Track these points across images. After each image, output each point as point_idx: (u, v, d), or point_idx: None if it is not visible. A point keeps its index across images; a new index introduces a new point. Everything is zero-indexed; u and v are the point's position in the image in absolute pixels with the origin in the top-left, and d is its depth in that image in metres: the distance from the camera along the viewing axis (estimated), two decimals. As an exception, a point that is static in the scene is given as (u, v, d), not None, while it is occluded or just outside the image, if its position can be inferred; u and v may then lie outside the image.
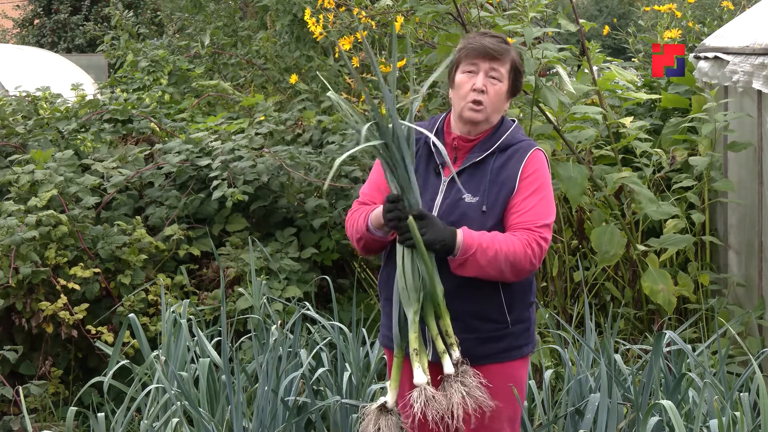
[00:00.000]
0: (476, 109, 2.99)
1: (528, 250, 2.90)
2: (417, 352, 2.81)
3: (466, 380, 2.80)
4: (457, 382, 2.78)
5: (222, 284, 4.07)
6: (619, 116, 5.41)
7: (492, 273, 2.89)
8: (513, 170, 2.99)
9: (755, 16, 5.67)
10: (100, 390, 4.65)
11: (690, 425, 3.49)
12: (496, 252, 2.86)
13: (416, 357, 2.81)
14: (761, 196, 5.00)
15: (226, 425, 3.89)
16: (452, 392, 2.77)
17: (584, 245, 5.43)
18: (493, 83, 2.99)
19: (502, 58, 2.99)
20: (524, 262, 2.91)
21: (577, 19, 4.92)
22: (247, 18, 9.64)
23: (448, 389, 2.78)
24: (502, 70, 3.00)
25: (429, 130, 3.05)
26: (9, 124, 6.23)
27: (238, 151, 5.71)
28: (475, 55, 3.00)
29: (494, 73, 2.99)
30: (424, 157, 3.07)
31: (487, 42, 3.00)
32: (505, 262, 2.88)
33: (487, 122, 3.04)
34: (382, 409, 2.84)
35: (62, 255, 5.10)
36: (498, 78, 3.00)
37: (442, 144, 2.98)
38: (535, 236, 2.92)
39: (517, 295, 3.05)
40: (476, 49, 2.99)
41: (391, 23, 4.95)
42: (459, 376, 2.80)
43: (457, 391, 2.77)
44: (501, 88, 3.01)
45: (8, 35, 22.77)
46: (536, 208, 2.96)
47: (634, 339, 5.19)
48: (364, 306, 5.43)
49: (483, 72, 2.99)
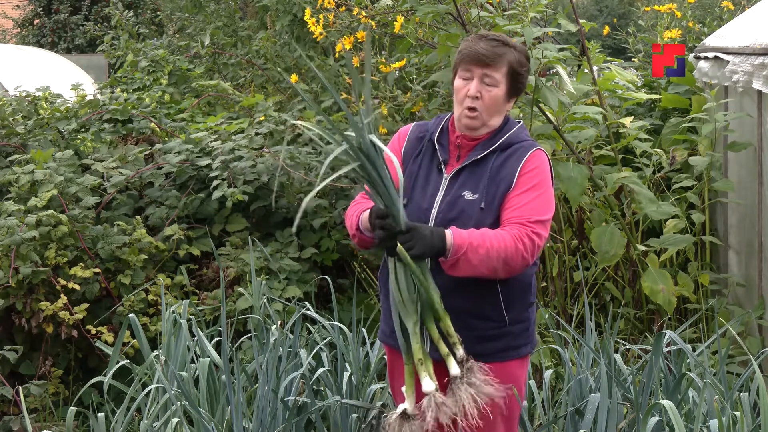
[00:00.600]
0: (471, 116, 3.01)
1: (519, 244, 2.88)
2: (422, 362, 2.82)
3: (472, 379, 2.79)
4: (464, 383, 2.78)
5: (222, 284, 4.07)
6: (619, 116, 5.40)
7: (484, 271, 2.87)
8: (512, 168, 2.99)
9: (755, 16, 5.66)
10: (100, 390, 4.65)
11: (690, 425, 3.49)
12: (488, 249, 2.84)
13: (422, 366, 2.82)
14: (761, 196, 5.00)
15: (226, 425, 3.89)
16: (461, 395, 2.77)
17: (584, 245, 5.43)
18: (487, 89, 3.00)
19: (494, 64, 2.99)
20: (516, 257, 2.88)
21: (577, 19, 4.92)
22: (247, 18, 9.64)
23: (457, 392, 2.78)
24: (497, 75, 3.00)
25: (434, 128, 3.11)
26: (9, 124, 6.24)
27: (238, 151, 5.72)
28: (468, 61, 3.01)
29: (488, 79, 3.00)
30: (428, 154, 3.10)
31: (480, 48, 2.99)
32: (496, 259, 2.86)
33: (486, 126, 3.05)
34: (404, 416, 2.85)
35: (62, 255, 5.10)
36: (492, 83, 3.00)
37: (446, 142, 3.05)
38: (526, 230, 2.90)
39: (515, 294, 3.05)
40: (469, 55, 3.01)
41: (391, 23, 4.95)
42: (465, 377, 2.79)
43: (465, 392, 2.77)
44: (496, 93, 3.01)
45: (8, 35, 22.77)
46: (531, 204, 2.94)
47: (634, 339, 5.19)
48: (364, 306, 5.43)
49: (477, 78, 3.00)
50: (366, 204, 3.07)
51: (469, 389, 2.78)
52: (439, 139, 3.10)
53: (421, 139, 3.13)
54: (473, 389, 2.78)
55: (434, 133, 3.11)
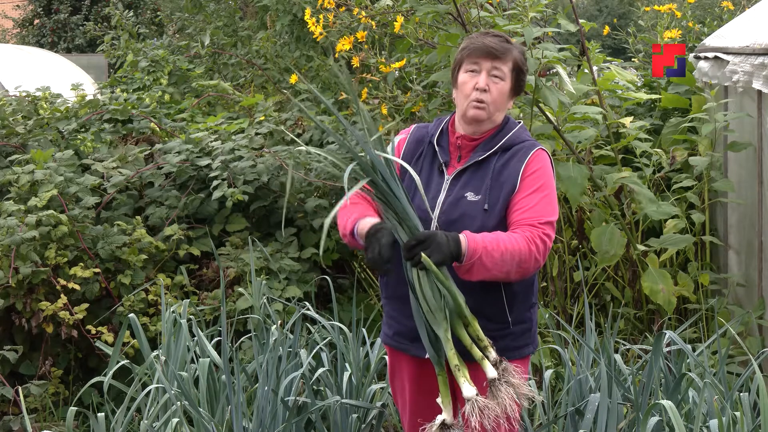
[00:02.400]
0: (479, 107, 3.00)
1: (532, 246, 2.88)
2: (459, 368, 2.78)
3: (510, 379, 2.78)
4: (503, 384, 2.77)
5: (222, 284, 4.07)
6: (619, 116, 5.40)
7: (498, 274, 2.86)
8: (515, 169, 2.99)
9: (755, 16, 5.67)
10: (100, 390, 4.66)
11: (690, 425, 3.49)
12: (502, 253, 2.83)
13: (459, 372, 2.78)
14: (761, 196, 5.00)
15: (226, 425, 3.89)
16: (502, 396, 2.75)
17: (584, 245, 5.44)
18: (495, 82, 3.01)
19: (503, 57, 3.01)
20: (529, 260, 2.88)
21: (577, 19, 4.92)
22: (247, 18, 9.64)
23: (497, 394, 2.76)
24: (504, 69, 3.02)
25: (434, 129, 3.12)
26: (9, 124, 6.23)
27: (238, 151, 5.72)
28: (477, 55, 3.01)
29: (496, 72, 3.01)
30: (429, 156, 3.09)
31: (488, 41, 3.01)
32: (510, 262, 2.85)
33: (491, 121, 3.05)
34: (443, 428, 2.82)
35: (62, 255, 5.10)
36: (500, 77, 3.01)
37: (446, 143, 3.06)
38: (538, 233, 2.90)
39: (518, 295, 3.05)
40: (478, 48, 3.01)
41: (391, 23, 4.95)
42: (503, 378, 2.78)
43: (506, 393, 2.75)
44: (503, 87, 3.02)
45: (8, 35, 22.77)
46: (538, 206, 2.94)
47: (634, 339, 5.20)
48: (364, 306, 5.43)
49: (485, 71, 3.00)
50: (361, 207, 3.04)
51: (509, 389, 2.76)
52: (439, 141, 3.10)
53: (420, 142, 3.12)
54: (513, 389, 2.76)
55: (434, 135, 3.11)
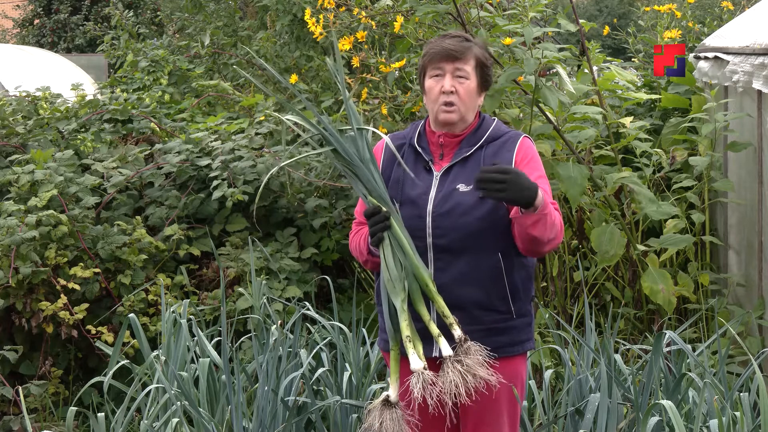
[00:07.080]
0: (448, 110, 3.06)
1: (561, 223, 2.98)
2: (410, 339, 2.83)
3: (466, 359, 2.79)
4: (455, 362, 2.78)
5: (222, 284, 4.07)
6: (619, 116, 5.41)
7: (547, 236, 2.92)
8: (506, 159, 3.04)
9: (755, 16, 5.66)
10: (100, 390, 4.66)
11: (690, 425, 3.49)
12: (554, 218, 2.92)
13: (410, 344, 2.83)
14: (761, 196, 5.00)
15: (226, 425, 3.89)
16: (450, 374, 2.77)
17: (584, 245, 5.44)
18: (461, 82, 3.06)
19: (464, 57, 3.06)
20: (561, 234, 2.98)
21: (577, 19, 4.92)
22: (247, 18, 9.64)
23: (446, 370, 2.79)
24: (467, 68, 3.06)
25: (410, 135, 3.18)
26: (9, 124, 6.23)
27: (238, 151, 5.72)
28: (438, 59, 3.07)
29: (460, 72, 3.06)
30: (411, 158, 3.14)
31: (447, 44, 3.07)
32: (553, 229, 2.92)
33: (463, 121, 3.10)
34: (386, 404, 2.85)
35: (62, 255, 5.10)
36: (464, 76, 3.06)
37: (427, 144, 3.12)
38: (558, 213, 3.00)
39: (519, 284, 3.08)
40: (438, 52, 3.07)
41: (391, 23, 4.95)
42: (458, 356, 2.79)
43: (455, 371, 2.77)
44: (470, 85, 3.07)
45: (8, 35, 22.78)
46: (546, 191, 2.98)
47: (634, 339, 5.20)
48: (364, 306, 5.43)
49: (449, 73, 3.06)
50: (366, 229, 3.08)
51: (459, 368, 2.77)
52: (419, 143, 3.14)
53: (399, 148, 3.15)
54: (463, 368, 2.77)
55: (413, 138, 3.16)
